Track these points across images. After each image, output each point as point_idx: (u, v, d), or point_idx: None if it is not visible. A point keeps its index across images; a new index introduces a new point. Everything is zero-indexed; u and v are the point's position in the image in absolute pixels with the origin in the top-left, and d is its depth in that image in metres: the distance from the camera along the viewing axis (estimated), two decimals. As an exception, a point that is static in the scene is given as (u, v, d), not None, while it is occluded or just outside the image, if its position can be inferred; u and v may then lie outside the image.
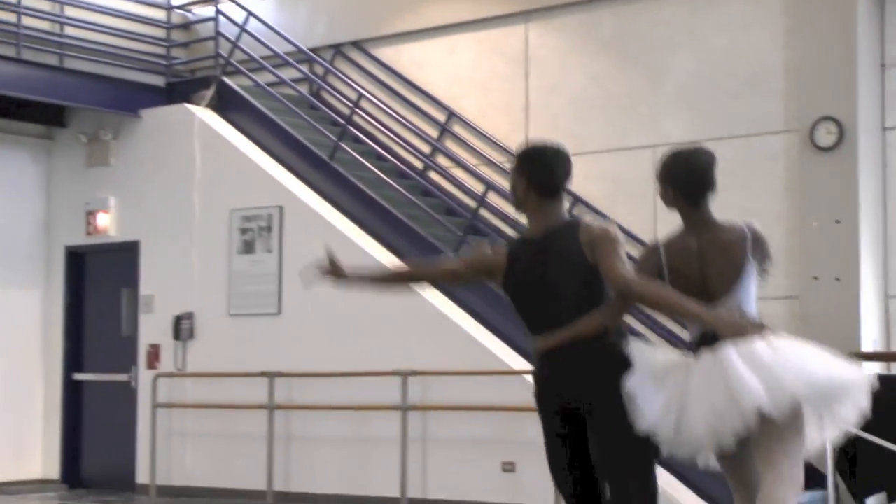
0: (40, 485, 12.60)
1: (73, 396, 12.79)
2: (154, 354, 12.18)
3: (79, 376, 12.80)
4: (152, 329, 12.22)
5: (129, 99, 12.58)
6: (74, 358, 12.83)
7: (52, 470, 12.72)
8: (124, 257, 12.56)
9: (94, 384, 12.76)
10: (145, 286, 12.36)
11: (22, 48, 11.95)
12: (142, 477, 12.01)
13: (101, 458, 12.62)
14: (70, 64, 12.67)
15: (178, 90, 12.88)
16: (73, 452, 12.73)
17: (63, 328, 12.85)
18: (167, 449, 11.88)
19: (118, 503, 11.53)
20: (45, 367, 12.89)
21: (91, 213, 12.72)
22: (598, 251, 4.83)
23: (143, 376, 12.19)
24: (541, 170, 4.98)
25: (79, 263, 12.97)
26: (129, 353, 12.40)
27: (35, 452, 12.77)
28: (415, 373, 10.32)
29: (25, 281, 12.85)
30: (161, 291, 12.22)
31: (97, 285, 12.91)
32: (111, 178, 12.69)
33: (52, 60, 12.56)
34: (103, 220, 12.64)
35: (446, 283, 6.16)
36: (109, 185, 12.69)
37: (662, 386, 4.77)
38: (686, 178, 4.98)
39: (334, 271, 5.24)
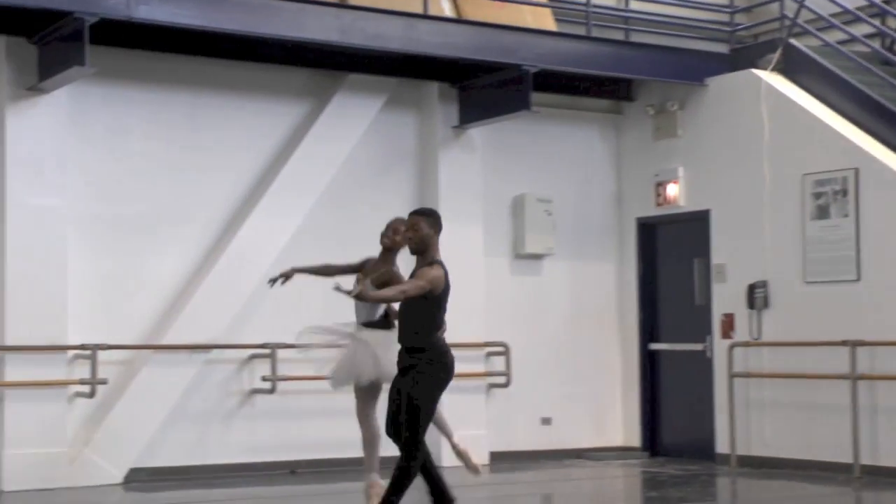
0: (621, 452, 12.93)
1: (650, 366, 13.02)
2: (728, 324, 12.12)
3: (654, 346, 13.01)
4: (725, 298, 12.17)
5: (694, 68, 12.55)
6: (649, 328, 13.05)
7: (633, 437, 13.03)
8: (695, 227, 12.59)
9: (670, 354, 12.92)
10: (717, 255, 12.33)
11: (591, 26, 12.25)
12: (721, 447, 12.00)
13: (680, 427, 12.76)
14: (635, 38, 12.87)
15: (743, 56, 12.68)
16: (652, 421, 12.96)
17: (637, 299, 13.10)
18: (745, 419, 11.80)
19: (698, 472, 11.56)
20: (622, 337, 13.20)
21: (660, 185, 12.86)
22: None
23: (718, 346, 12.17)
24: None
25: (650, 234, 13.16)
26: (703, 322, 12.42)
27: (616, 420, 13.14)
28: None
29: (600, 253, 13.23)
30: (733, 260, 12.14)
31: (668, 256, 13.05)
32: (679, 148, 12.76)
33: (618, 36, 12.82)
34: (672, 190, 12.75)
35: None
36: (677, 155, 12.76)
37: None
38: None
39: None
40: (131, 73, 10.98)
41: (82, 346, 10.50)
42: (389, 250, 8.87)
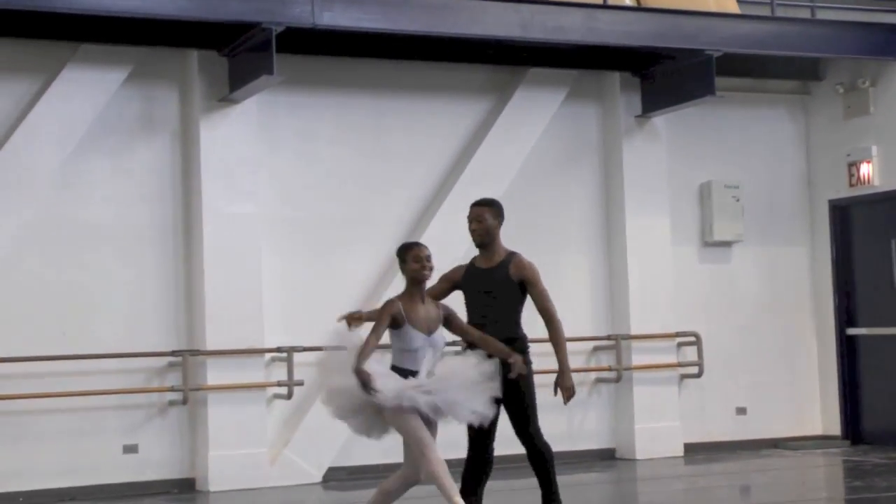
0: (821, 441, 12.62)
1: (848, 351, 12.66)
2: (930, 306, 11.73)
3: (852, 331, 12.64)
4: (926, 280, 11.79)
5: (886, 43, 12.11)
6: (846, 313, 12.69)
7: (833, 426, 12.69)
8: (891, 207, 12.21)
9: (869, 338, 12.54)
10: (915, 236, 11.95)
11: (776, 6, 11.95)
12: (927, 434, 11.65)
13: (883, 414, 12.38)
14: (822, 14, 12.50)
15: (938, 27, 12.24)
16: (853, 408, 12.60)
17: (832, 283, 12.75)
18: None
19: (905, 461, 11.23)
20: (818, 323, 12.87)
21: (853, 165, 12.50)
22: None
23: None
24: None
25: (843, 216, 12.79)
26: (903, 305, 12.06)
27: (814, 408, 12.82)
28: None
29: (790, 237, 12.92)
30: (933, 241, 11.74)
31: (864, 237, 12.66)
32: (872, 126, 12.38)
33: (804, 14, 12.48)
34: (866, 170, 12.37)
35: None
36: (870, 134, 12.38)
37: None
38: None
39: None
40: (316, 80, 11.16)
41: (278, 349, 10.72)
42: (419, 283, 7.25)
